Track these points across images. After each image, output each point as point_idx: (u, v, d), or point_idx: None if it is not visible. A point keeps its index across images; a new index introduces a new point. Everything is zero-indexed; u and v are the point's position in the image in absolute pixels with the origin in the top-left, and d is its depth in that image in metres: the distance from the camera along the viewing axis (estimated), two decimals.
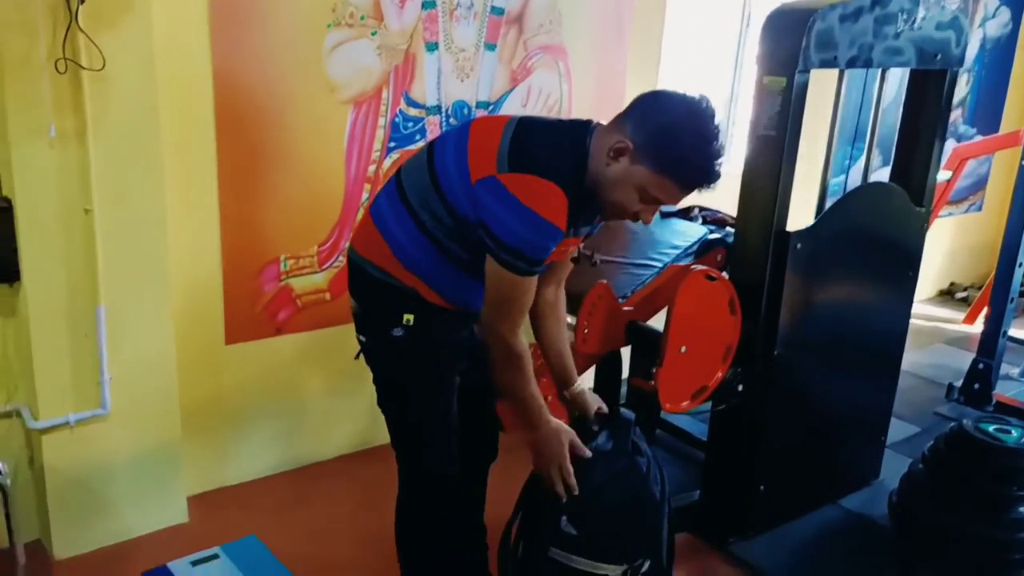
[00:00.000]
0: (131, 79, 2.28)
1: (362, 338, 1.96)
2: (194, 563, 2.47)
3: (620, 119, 1.76)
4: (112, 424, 2.46)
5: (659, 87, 3.75)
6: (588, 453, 1.93)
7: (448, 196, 1.78)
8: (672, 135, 1.69)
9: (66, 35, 2.13)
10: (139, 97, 2.31)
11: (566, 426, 1.96)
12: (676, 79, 3.85)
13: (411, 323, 1.84)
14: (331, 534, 2.70)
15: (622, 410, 2.06)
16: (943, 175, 4.05)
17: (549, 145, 1.75)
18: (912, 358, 4.57)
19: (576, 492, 1.90)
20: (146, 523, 2.61)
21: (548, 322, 2.07)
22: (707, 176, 1.71)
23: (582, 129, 1.79)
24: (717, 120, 1.71)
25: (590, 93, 3.51)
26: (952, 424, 2.79)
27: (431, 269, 1.85)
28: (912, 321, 2.98)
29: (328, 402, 3.10)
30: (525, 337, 1.86)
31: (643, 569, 1.98)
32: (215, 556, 2.51)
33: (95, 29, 2.17)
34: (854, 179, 3.03)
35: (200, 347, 2.75)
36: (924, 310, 5.62)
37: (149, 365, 2.51)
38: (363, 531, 2.67)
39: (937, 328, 5.23)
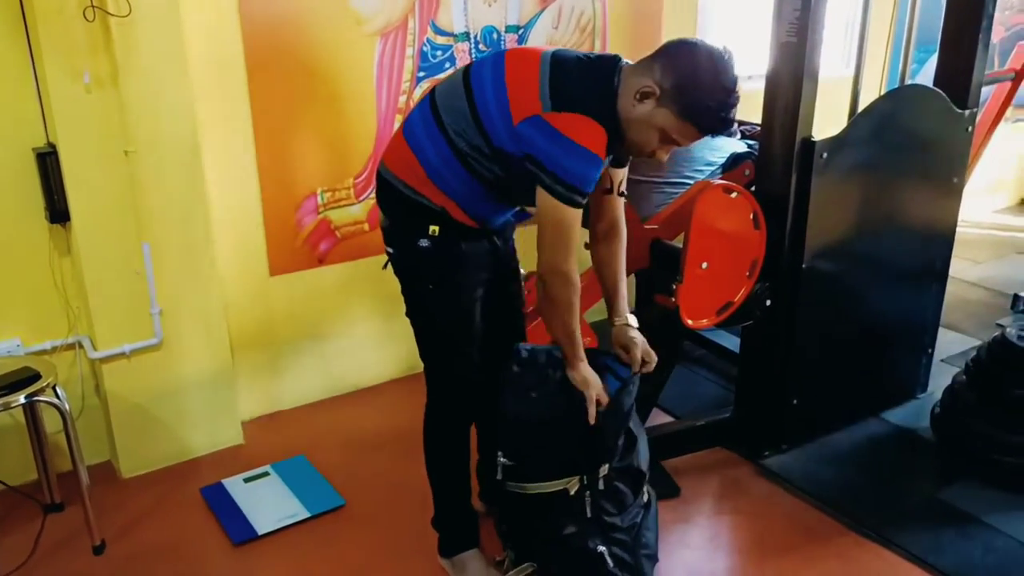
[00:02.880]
0: (156, 23, 2.37)
1: (390, 250, 2.06)
2: (247, 480, 2.66)
3: (648, 62, 1.83)
4: (165, 353, 2.64)
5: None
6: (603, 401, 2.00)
7: (487, 126, 1.85)
8: (698, 85, 1.77)
9: None
10: (165, 40, 2.41)
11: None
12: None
13: (436, 234, 1.94)
14: (374, 452, 2.85)
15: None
16: (1005, 76, 3.84)
17: (587, 84, 1.83)
18: (983, 270, 4.43)
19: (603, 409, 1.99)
20: (204, 444, 2.81)
21: (611, 245, 2.14)
22: (725, 124, 1.83)
23: (611, 67, 1.86)
24: (736, 72, 1.80)
25: (625, 7, 3.45)
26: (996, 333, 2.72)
27: (463, 192, 1.92)
28: (987, 232, 2.87)
29: (372, 328, 3.23)
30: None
31: (603, 473, 2.05)
32: (266, 473, 2.69)
33: None
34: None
35: (246, 279, 2.89)
36: (1001, 219, 5.39)
37: (196, 297, 2.66)
38: (404, 448, 2.80)
39: (1015, 238, 5.01)
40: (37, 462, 2.48)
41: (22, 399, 2.21)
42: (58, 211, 2.43)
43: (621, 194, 2.11)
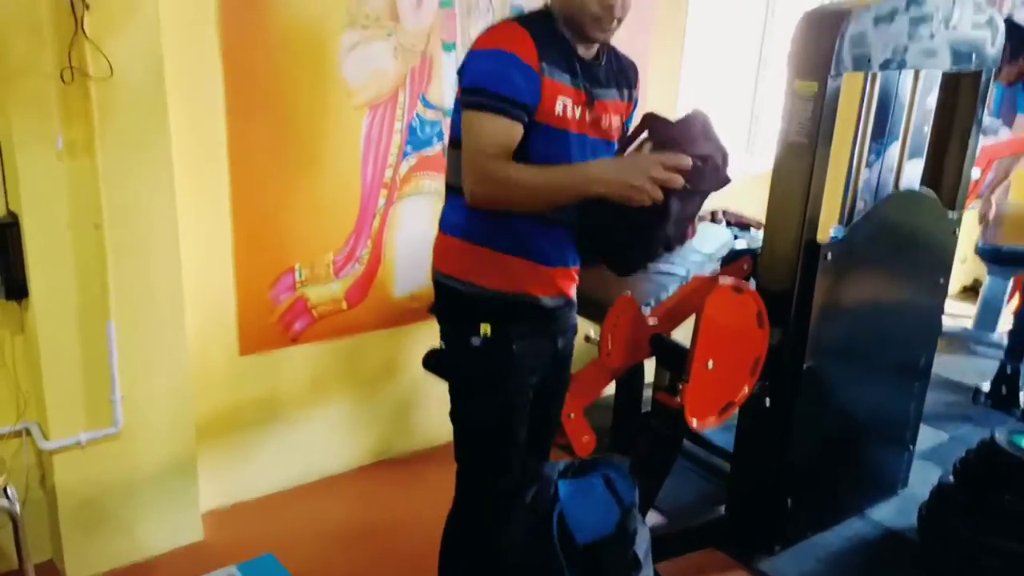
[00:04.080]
0: (140, 86, 2.21)
1: (441, 345, 1.94)
2: None
3: None
4: (124, 442, 2.41)
5: (682, 83, 3.67)
6: (687, 160, 1.64)
7: (455, 133, 1.78)
8: None
9: (71, 43, 2.06)
10: (148, 104, 2.24)
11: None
12: (699, 75, 3.75)
13: (488, 334, 1.82)
14: (350, 548, 2.65)
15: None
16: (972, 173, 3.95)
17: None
18: (937, 359, 4.49)
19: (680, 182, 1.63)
20: (161, 542, 2.56)
21: None
22: None
23: (544, 4, 1.83)
24: None
25: None
26: (984, 436, 2.72)
27: (489, 227, 1.80)
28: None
29: (344, 412, 3.04)
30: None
31: None
32: None
33: (101, 36, 2.10)
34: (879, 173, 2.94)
35: (214, 358, 2.68)
36: (948, 307, 5.51)
37: (162, 381, 2.45)
38: (381, 546, 2.62)
39: (962, 326, 5.12)
40: None
41: None
42: (15, 286, 2.20)
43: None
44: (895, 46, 2.38)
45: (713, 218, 3.25)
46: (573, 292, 1.98)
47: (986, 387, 3.96)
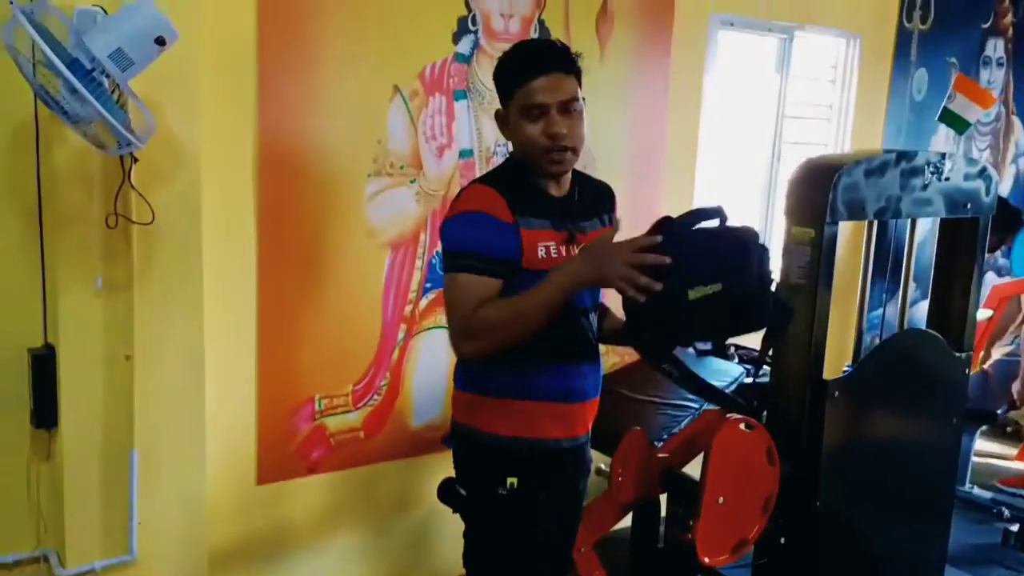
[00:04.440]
0: (179, 231, 2.37)
1: (462, 491, 1.96)
2: None
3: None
4: (138, 570, 2.44)
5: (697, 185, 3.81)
6: (666, 259, 1.59)
7: None
8: (497, 65, 1.88)
9: (118, 192, 2.24)
10: (185, 248, 2.39)
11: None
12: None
13: (515, 486, 1.85)
14: None
15: None
16: (984, 314, 4.01)
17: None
18: (995, 495, 4.39)
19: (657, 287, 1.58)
20: None
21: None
22: (528, 53, 1.86)
23: (508, 155, 1.97)
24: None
25: (625, 228, 3.56)
26: None
27: (504, 377, 1.85)
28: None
29: (358, 543, 3.04)
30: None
31: None
32: None
33: (146, 185, 2.28)
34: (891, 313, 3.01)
35: (230, 487, 2.73)
36: (988, 447, 5.41)
37: (179, 509, 2.50)
38: None
39: (987, 464, 5.02)
40: None
41: None
42: (45, 415, 2.30)
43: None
44: (888, 196, 2.50)
45: (724, 353, 3.31)
46: (590, 427, 2.01)
47: (1015, 528, 3.86)
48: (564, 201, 1.89)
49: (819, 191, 2.38)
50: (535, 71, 1.78)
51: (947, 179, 2.64)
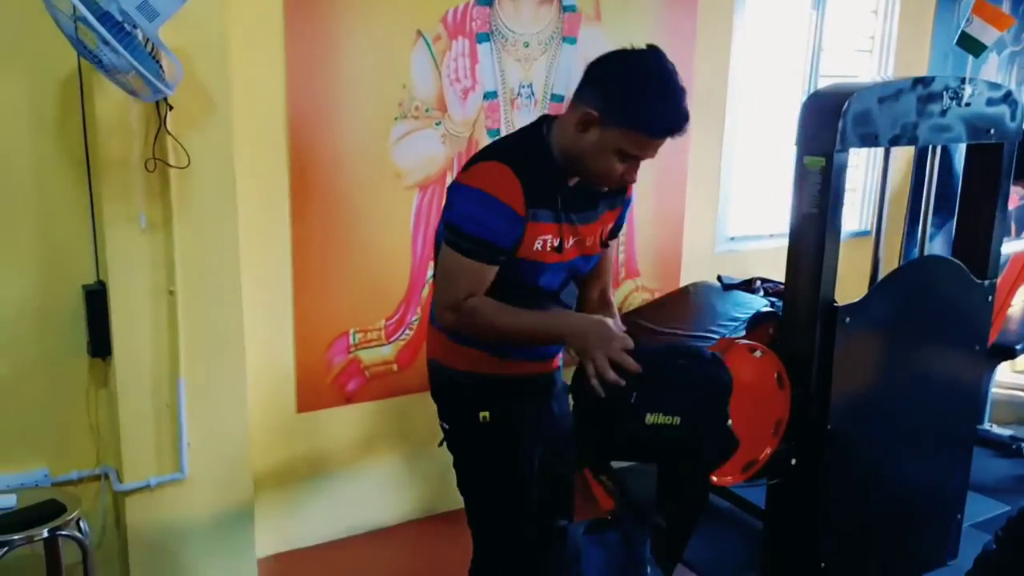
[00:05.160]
0: (212, 174, 2.53)
1: (445, 425, 2.02)
2: None
3: (578, 94, 1.78)
4: (189, 488, 2.65)
5: (723, 158, 3.83)
6: (636, 367, 1.65)
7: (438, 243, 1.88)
8: (630, 88, 1.70)
9: (156, 138, 2.40)
10: (220, 190, 2.55)
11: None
12: (743, 144, 3.90)
13: (487, 419, 1.90)
14: None
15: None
16: (1023, 244, 3.93)
17: (502, 140, 1.91)
18: (1013, 431, 4.37)
19: (630, 372, 1.64)
20: None
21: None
22: (675, 117, 1.70)
23: (536, 123, 1.88)
24: (670, 64, 1.72)
25: (651, 168, 3.59)
26: None
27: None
28: (1008, 392, 2.89)
29: (396, 469, 3.23)
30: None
31: None
32: None
33: (181, 131, 2.43)
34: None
35: (273, 415, 2.94)
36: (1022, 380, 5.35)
37: (225, 433, 2.70)
38: None
39: (1008, 396, 4.96)
40: None
41: (45, 533, 2.23)
42: (100, 345, 2.51)
43: (604, 245, 2.00)
44: (904, 123, 2.50)
45: (750, 287, 3.36)
46: (559, 362, 2.08)
47: None
48: (575, 191, 1.85)
49: (829, 119, 2.40)
50: (668, 134, 1.72)
51: (968, 104, 2.61)
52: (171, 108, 2.41)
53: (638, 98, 1.70)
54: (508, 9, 3.12)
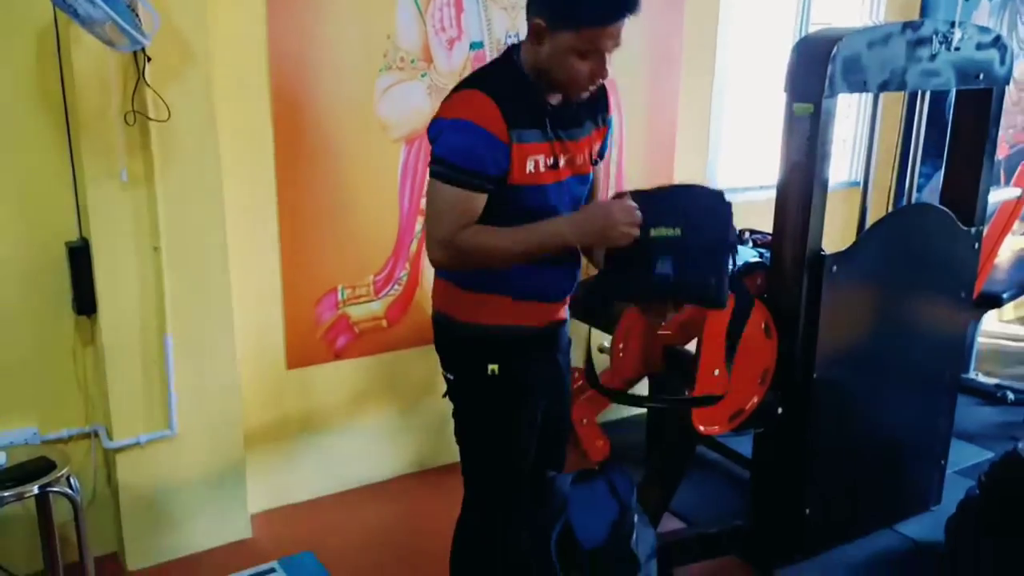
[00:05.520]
0: (194, 127, 2.49)
1: (449, 376, 2.02)
2: None
3: (527, 11, 1.80)
4: (179, 444, 2.66)
5: (712, 111, 3.80)
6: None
7: None
8: None
9: (135, 90, 2.36)
10: (201, 143, 2.52)
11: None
12: (733, 95, 3.86)
13: (496, 372, 1.91)
14: (382, 549, 2.83)
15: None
16: (1012, 192, 3.93)
17: (477, 71, 1.89)
18: (1000, 381, 4.42)
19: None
20: (212, 538, 2.79)
21: None
22: (596, 5, 1.69)
23: (507, 51, 1.88)
24: None
25: (641, 121, 3.58)
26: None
27: (487, 275, 1.89)
28: (996, 342, 2.91)
29: (384, 424, 3.24)
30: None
31: None
32: (272, 570, 2.66)
33: (161, 83, 2.39)
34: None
35: (262, 371, 2.93)
36: (1011, 329, 5.40)
37: (214, 389, 2.70)
38: (414, 548, 2.80)
39: (993, 346, 5.00)
40: (44, 552, 2.47)
41: (35, 489, 2.23)
42: (85, 303, 2.50)
43: (595, 162, 2.00)
44: (893, 68, 2.47)
45: (740, 238, 3.35)
46: (566, 313, 2.08)
47: None
48: (558, 109, 1.85)
49: (818, 64, 2.37)
50: (615, 17, 1.70)
51: (957, 49, 2.59)
52: (149, 60, 2.36)
53: None
54: None
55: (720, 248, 1.83)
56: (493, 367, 1.91)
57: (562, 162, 1.86)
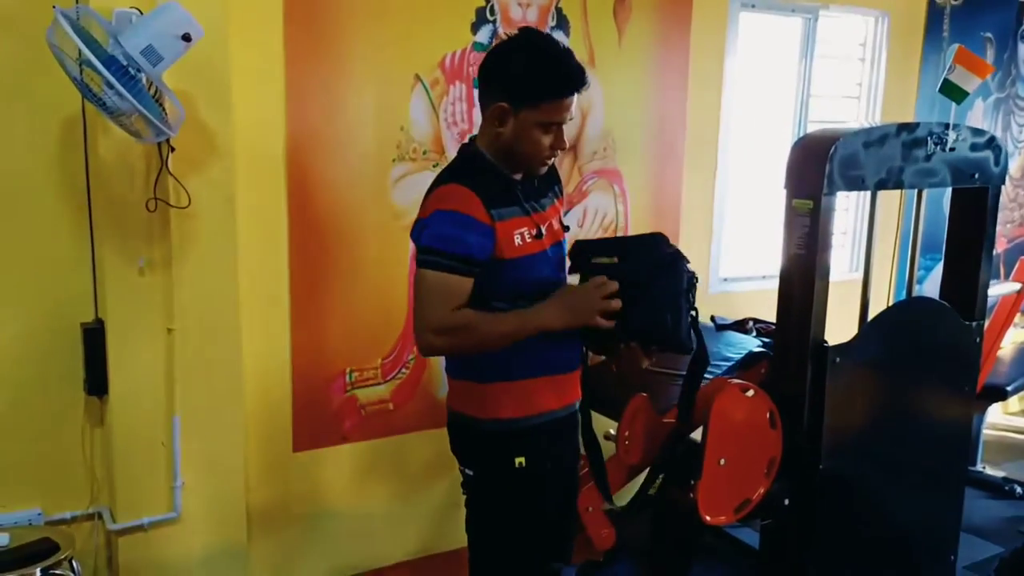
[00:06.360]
0: (213, 213, 2.57)
1: (469, 472, 2.03)
2: None
3: (481, 100, 1.93)
4: (182, 527, 2.65)
5: (716, 201, 3.88)
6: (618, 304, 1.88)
7: None
8: (522, 68, 1.85)
9: (157, 178, 2.45)
10: (220, 229, 2.59)
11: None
12: (735, 187, 3.96)
13: (523, 464, 1.94)
14: None
15: None
16: (1012, 286, 3.98)
17: (445, 169, 2.00)
18: (1008, 471, 4.39)
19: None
20: None
21: None
22: (571, 71, 1.85)
23: (464, 145, 2.02)
24: (544, 33, 1.95)
25: (647, 209, 3.67)
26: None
27: (503, 359, 1.92)
28: (1001, 434, 2.92)
29: (388, 509, 3.23)
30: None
31: None
32: None
33: (183, 172, 2.48)
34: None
35: (269, 454, 2.94)
36: (1015, 422, 5.38)
37: (219, 472, 2.70)
38: None
39: (998, 439, 4.97)
40: None
41: (37, 572, 2.22)
42: (97, 384, 2.53)
43: (565, 228, 2.10)
44: (889, 167, 2.55)
45: (743, 327, 3.39)
46: (579, 391, 2.12)
47: None
48: (524, 183, 1.97)
49: (816, 163, 2.45)
50: (570, 91, 1.86)
51: (952, 149, 2.67)
52: (173, 149, 2.46)
53: (533, 72, 1.84)
54: None
55: (670, 286, 1.93)
56: (520, 459, 1.94)
57: (544, 231, 1.97)
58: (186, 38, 2.12)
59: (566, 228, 2.10)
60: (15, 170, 2.45)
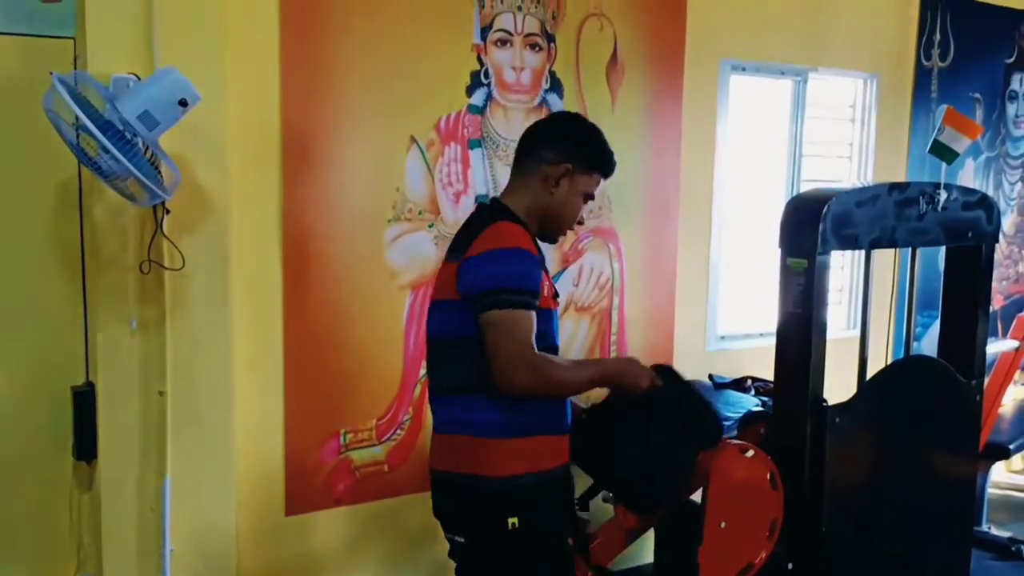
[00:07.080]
0: (207, 276, 2.57)
1: (459, 539, 1.97)
2: None
3: (535, 158, 2.03)
4: None
5: (711, 258, 3.89)
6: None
7: (452, 335, 1.92)
8: (588, 139, 2.07)
9: (152, 240, 2.45)
10: (214, 292, 2.59)
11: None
12: (730, 245, 3.97)
13: (516, 525, 1.88)
14: None
15: None
16: (1010, 344, 3.97)
17: (491, 209, 2.04)
18: (1012, 532, 4.31)
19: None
20: None
21: None
22: (612, 155, 2.10)
23: (489, 203, 2.09)
24: None
25: (641, 269, 3.68)
26: None
27: (513, 416, 1.89)
28: (1005, 493, 2.87)
29: (384, 573, 3.15)
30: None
31: None
32: None
33: (177, 234, 2.48)
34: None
35: (261, 518, 2.87)
36: (1018, 480, 5.31)
37: (210, 537, 2.65)
38: None
39: (1004, 497, 4.90)
40: None
41: None
42: (86, 448, 2.49)
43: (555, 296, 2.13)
44: (882, 226, 2.57)
45: (741, 386, 3.36)
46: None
47: None
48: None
49: (810, 222, 2.47)
50: (612, 171, 2.12)
51: (944, 209, 2.70)
52: (168, 212, 2.46)
53: (595, 146, 2.07)
54: (499, 117, 3.24)
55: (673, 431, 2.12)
56: (513, 520, 1.88)
57: (553, 290, 2.04)
58: (183, 103, 2.14)
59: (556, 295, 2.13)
60: (9, 232, 2.45)
